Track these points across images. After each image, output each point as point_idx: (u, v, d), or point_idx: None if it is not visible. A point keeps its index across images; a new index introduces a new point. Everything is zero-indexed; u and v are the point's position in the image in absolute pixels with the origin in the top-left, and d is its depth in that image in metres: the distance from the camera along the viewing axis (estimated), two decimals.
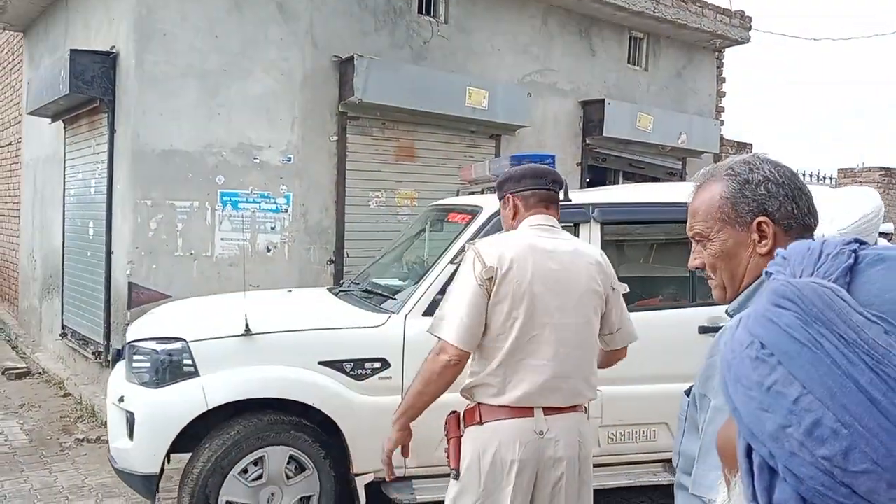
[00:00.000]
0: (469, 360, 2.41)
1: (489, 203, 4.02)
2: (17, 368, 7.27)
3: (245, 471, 3.52)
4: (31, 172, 8.64)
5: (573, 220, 4.03)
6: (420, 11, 6.84)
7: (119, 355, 4.03)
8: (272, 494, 3.57)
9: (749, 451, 0.76)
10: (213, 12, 5.76)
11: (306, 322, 3.80)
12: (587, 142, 7.96)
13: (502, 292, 2.34)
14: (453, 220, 4.28)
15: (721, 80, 9.56)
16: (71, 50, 5.84)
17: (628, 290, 2.65)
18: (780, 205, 1.32)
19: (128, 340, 3.89)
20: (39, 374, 7.23)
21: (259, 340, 3.55)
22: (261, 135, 5.95)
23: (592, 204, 4.09)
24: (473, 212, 4.04)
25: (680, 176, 8.85)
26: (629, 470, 4.04)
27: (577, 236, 3.99)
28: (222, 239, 5.81)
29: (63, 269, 7.16)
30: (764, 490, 0.74)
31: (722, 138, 9.29)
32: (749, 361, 0.76)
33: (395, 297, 3.92)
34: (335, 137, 6.33)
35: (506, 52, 7.39)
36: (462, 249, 3.47)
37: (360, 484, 3.59)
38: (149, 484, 3.51)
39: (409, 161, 6.73)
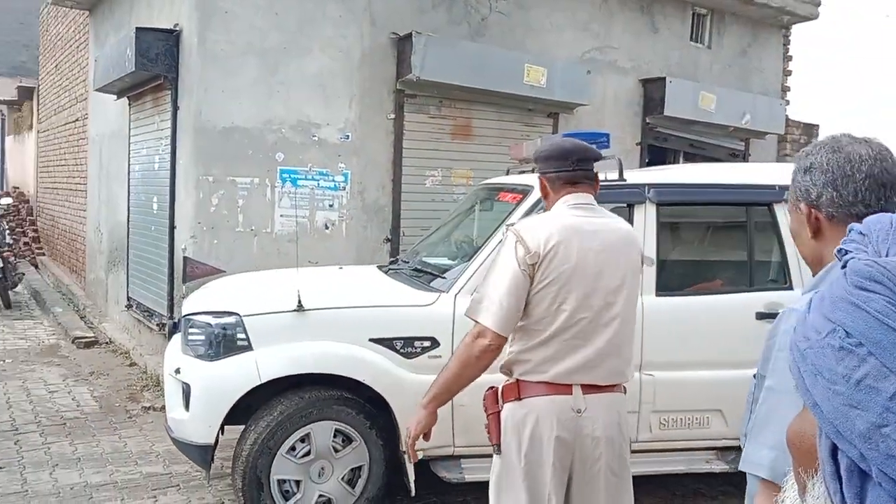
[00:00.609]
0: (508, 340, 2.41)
1: None
2: (86, 337, 7.56)
3: (293, 448, 3.57)
4: (96, 148, 8.89)
5: (628, 201, 3.95)
6: None
7: (175, 328, 4.10)
8: (322, 468, 3.63)
9: (834, 452, 0.69)
10: None
11: (358, 299, 3.83)
12: (647, 121, 7.80)
13: (548, 277, 2.31)
14: (504, 199, 4.23)
15: (787, 58, 9.24)
16: (136, 28, 5.96)
17: (654, 262, 2.61)
18: (820, 193, 1.31)
19: (183, 314, 3.98)
20: (106, 343, 7.51)
21: (311, 316, 3.58)
22: (319, 112, 6.00)
23: (648, 184, 3.99)
24: (524, 191, 3.98)
25: (743, 157, 8.61)
26: (681, 456, 3.98)
27: (633, 217, 3.91)
28: (281, 215, 5.90)
29: (128, 242, 7.38)
30: (855, 496, 0.67)
31: (787, 119, 8.99)
32: (831, 352, 0.68)
33: (445, 275, 3.91)
34: (392, 115, 6.34)
35: (565, 29, 7.27)
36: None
37: (410, 461, 3.60)
38: (203, 454, 3.60)
39: (466, 139, 6.70)
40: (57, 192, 11.85)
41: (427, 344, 3.63)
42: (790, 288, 3.97)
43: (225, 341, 3.59)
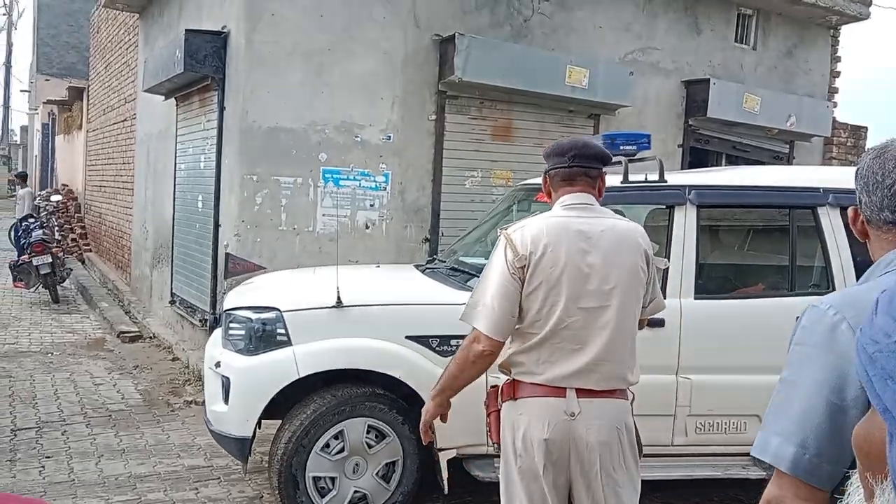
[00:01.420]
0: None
1: None
2: (131, 332, 7.75)
3: (327, 445, 3.61)
4: (143, 147, 9.10)
5: (668, 202, 3.91)
6: None
7: (216, 322, 4.17)
8: (357, 465, 3.67)
9: None
10: None
11: (395, 296, 3.88)
12: (689, 123, 7.72)
13: (536, 279, 2.30)
14: (541, 199, 4.22)
15: (836, 59, 9.05)
16: (186, 30, 6.09)
17: (668, 265, 2.51)
18: (858, 197, 1.34)
19: (224, 308, 4.03)
20: (150, 338, 7.68)
21: (350, 313, 3.63)
22: (362, 113, 6.06)
23: (689, 186, 3.94)
24: None
25: (787, 160, 8.46)
26: (717, 461, 3.91)
27: (672, 219, 3.87)
28: (323, 215, 5.97)
29: (173, 239, 7.54)
30: None
31: (834, 121, 8.81)
32: None
33: (480, 275, 3.91)
34: (433, 117, 6.37)
35: (607, 30, 7.23)
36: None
37: (443, 459, 3.60)
38: (242, 446, 3.64)
39: (506, 141, 6.71)
40: (104, 190, 12.14)
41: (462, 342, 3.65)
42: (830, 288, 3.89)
43: (265, 336, 3.64)
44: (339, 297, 3.59)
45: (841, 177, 4.25)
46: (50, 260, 9.48)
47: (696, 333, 3.81)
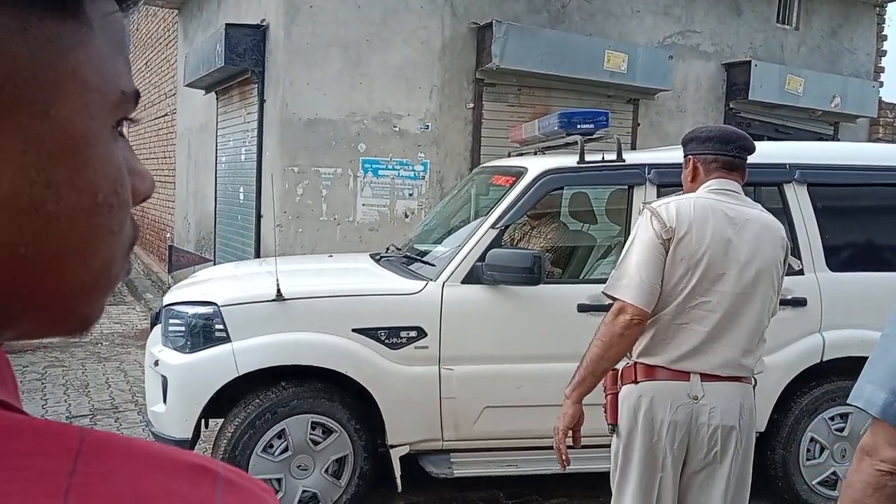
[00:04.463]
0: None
1: (535, 165, 3.82)
2: None
3: (270, 446, 3.45)
4: (184, 141, 9.25)
5: (627, 183, 3.78)
6: None
7: (157, 318, 3.92)
8: (303, 464, 3.51)
9: None
10: None
11: (340, 287, 3.68)
12: (731, 106, 7.60)
13: (678, 255, 2.27)
14: (497, 182, 4.09)
15: (882, 38, 8.82)
16: (226, 24, 6.17)
17: (801, 266, 2.43)
18: None
19: (164, 303, 3.82)
20: None
21: (291, 305, 3.43)
22: (400, 103, 6.09)
23: (649, 165, 3.76)
24: (518, 173, 3.82)
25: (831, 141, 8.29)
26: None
27: (632, 200, 3.72)
28: (363, 204, 6.02)
29: (215, 231, 7.66)
30: None
31: (881, 101, 8.60)
32: None
33: (434, 263, 3.74)
34: (471, 105, 6.37)
35: (645, 14, 7.14)
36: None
37: (396, 456, 3.49)
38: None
39: None
40: None
41: (413, 334, 3.48)
42: (801, 273, 3.69)
43: (203, 332, 3.44)
44: (278, 289, 3.38)
45: (809, 152, 4.08)
46: None
47: None
